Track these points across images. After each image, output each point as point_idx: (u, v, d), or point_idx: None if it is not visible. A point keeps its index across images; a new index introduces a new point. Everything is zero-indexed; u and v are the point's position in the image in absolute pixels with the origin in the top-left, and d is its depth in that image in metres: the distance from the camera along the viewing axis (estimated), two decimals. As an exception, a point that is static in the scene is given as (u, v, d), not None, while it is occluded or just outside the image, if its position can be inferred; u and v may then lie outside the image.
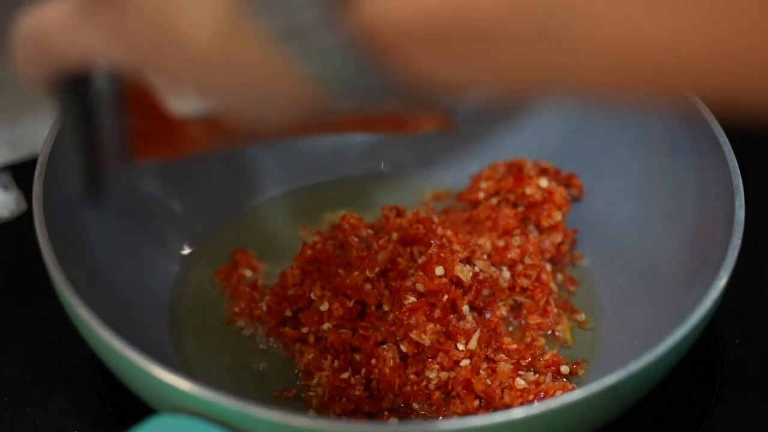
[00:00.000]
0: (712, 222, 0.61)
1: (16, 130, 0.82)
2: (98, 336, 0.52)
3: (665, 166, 0.68)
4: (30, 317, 0.68)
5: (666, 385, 0.57)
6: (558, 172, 0.71)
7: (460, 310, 0.62)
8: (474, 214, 0.69)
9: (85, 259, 0.62)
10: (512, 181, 0.69)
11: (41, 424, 0.62)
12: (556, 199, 0.68)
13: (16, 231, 0.73)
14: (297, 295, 0.65)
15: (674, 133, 0.67)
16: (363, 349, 0.61)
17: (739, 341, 0.67)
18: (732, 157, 0.61)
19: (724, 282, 0.55)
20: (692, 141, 0.65)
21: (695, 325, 0.54)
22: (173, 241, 0.70)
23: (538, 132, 0.73)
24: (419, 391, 0.61)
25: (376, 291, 0.63)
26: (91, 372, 0.64)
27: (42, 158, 0.60)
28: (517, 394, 0.60)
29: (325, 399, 0.61)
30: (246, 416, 0.48)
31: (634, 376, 0.51)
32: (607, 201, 0.70)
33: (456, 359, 0.61)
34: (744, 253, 0.57)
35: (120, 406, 0.62)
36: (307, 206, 0.74)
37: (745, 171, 0.60)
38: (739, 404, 0.64)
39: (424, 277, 0.61)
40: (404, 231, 0.65)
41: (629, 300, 0.66)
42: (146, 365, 0.51)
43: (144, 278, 0.67)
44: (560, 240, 0.69)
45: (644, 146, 0.69)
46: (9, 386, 0.64)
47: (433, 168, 0.75)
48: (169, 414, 0.50)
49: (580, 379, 0.63)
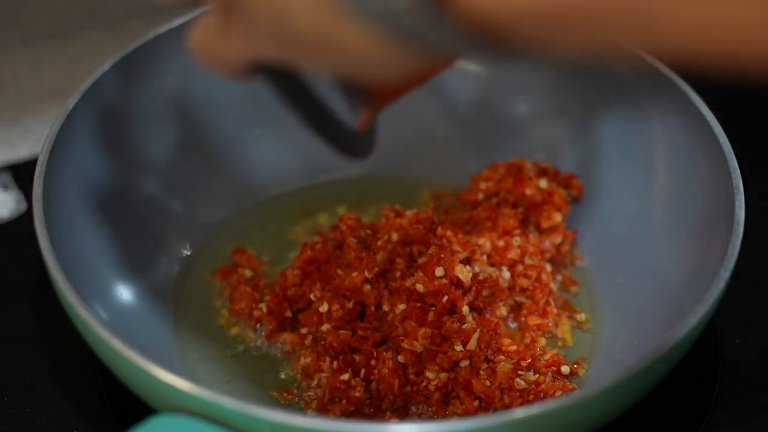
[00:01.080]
0: (712, 222, 0.61)
1: (16, 130, 0.82)
2: (98, 336, 0.52)
3: (665, 166, 0.68)
4: (30, 317, 0.68)
5: (666, 385, 0.57)
6: (558, 173, 0.71)
7: (460, 311, 0.62)
8: (474, 214, 0.69)
9: (84, 259, 0.62)
10: (512, 182, 0.69)
11: (41, 424, 0.62)
12: (556, 201, 0.68)
13: (16, 231, 0.73)
14: (297, 296, 0.65)
15: (674, 133, 0.67)
16: (362, 350, 0.61)
17: (739, 341, 0.67)
18: (732, 157, 0.61)
19: (724, 282, 0.55)
20: (692, 141, 0.65)
21: (695, 325, 0.54)
22: (173, 241, 0.70)
23: (538, 132, 0.73)
24: (419, 392, 0.61)
25: (376, 291, 0.63)
26: (91, 372, 0.64)
27: (42, 158, 0.60)
28: (516, 395, 0.60)
29: (324, 400, 0.61)
30: (246, 416, 0.48)
31: (634, 376, 0.51)
32: (607, 201, 0.70)
33: (456, 359, 0.61)
34: (744, 253, 0.57)
35: (120, 406, 0.62)
36: (307, 206, 0.74)
37: (745, 171, 0.60)
38: (739, 404, 0.64)
39: (424, 277, 0.61)
40: (404, 231, 0.65)
41: (629, 300, 0.66)
42: (146, 365, 0.51)
43: (144, 278, 0.67)
44: (560, 241, 0.69)
45: (644, 146, 0.69)
46: (9, 386, 0.64)
47: (433, 168, 0.75)
48: (169, 414, 0.50)
49: (580, 379, 0.63)
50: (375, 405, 0.61)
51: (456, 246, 0.64)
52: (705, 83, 0.66)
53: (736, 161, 0.61)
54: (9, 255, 0.72)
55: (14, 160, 0.78)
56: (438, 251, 0.62)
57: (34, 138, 0.81)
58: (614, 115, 0.70)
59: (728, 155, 0.61)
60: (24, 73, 0.86)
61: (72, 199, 0.63)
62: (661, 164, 0.68)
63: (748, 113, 0.81)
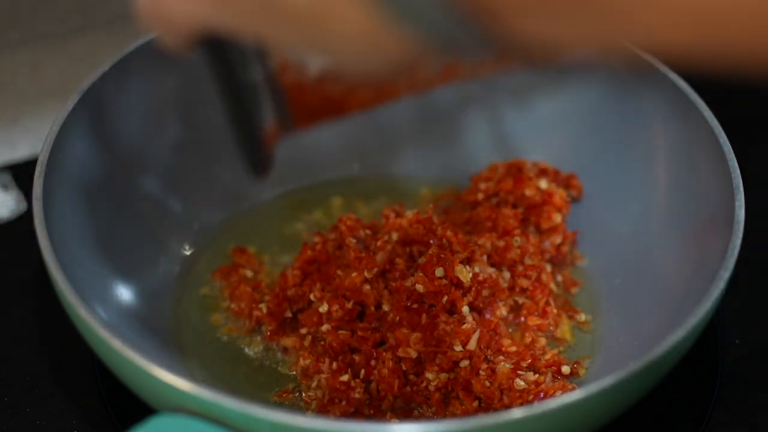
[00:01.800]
0: (712, 222, 0.61)
1: (16, 130, 0.82)
2: (98, 336, 0.52)
3: (665, 166, 0.68)
4: (30, 317, 0.68)
5: (666, 385, 0.57)
6: (558, 173, 0.71)
7: (460, 311, 0.62)
8: (474, 214, 0.69)
9: (84, 259, 0.62)
10: (512, 183, 0.69)
11: (41, 424, 0.62)
12: (556, 201, 0.68)
13: (16, 231, 0.73)
14: (297, 296, 0.65)
15: (674, 133, 0.67)
16: (362, 351, 0.61)
17: (739, 341, 0.67)
18: (732, 157, 0.61)
19: (724, 282, 0.55)
20: (692, 141, 0.65)
21: (695, 325, 0.54)
22: (173, 241, 0.70)
23: (538, 132, 0.73)
24: (419, 392, 0.61)
25: (375, 292, 0.63)
26: (91, 372, 0.64)
27: (42, 158, 0.60)
28: (516, 395, 0.60)
29: (324, 401, 0.61)
30: (246, 416, 0.48)
31: (634, 376, 0.51)
32: (607, 201, 0.70)
33: (455, 359, 0.61)
34: (744, 253, 0.57)
35: (120, 406, 0.62)
36: (307, 206, 0.74)
37: (745, 171, 0.60)
38: (739, 404, 0.64)
39: (424, 278, 0.61)
40: (404, 231, 0.65)
41: (629, 300, 0.66)
42: (146, 365, 0.51)
43: (144, 278, 0.67)
44: (560, 241, 0.69)
45: (644, 146, 0.69)
46: (9, 386, 0.64)
47: (433, 168, 0.75)
48: (169, 414, 0.50)
49: (580, 379, 0.63)
50: (375, 406, 0.61)
51: (456, 246, 0.64)
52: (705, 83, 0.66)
53: (736, 161, 0.61)
54: (9, 255, 0.72)
55: (14, 160, 0.78)
56: (438, 251, 0.62)
57: (34, 138, 0.81)
58: (614, 115, 0.70)
59: (728, 155, 0.61)
60: (24, 73, 0.86)
61: (72, 199, 0.63)
62: (661, 164, 0.68)
63: (748, 113, 0.81)
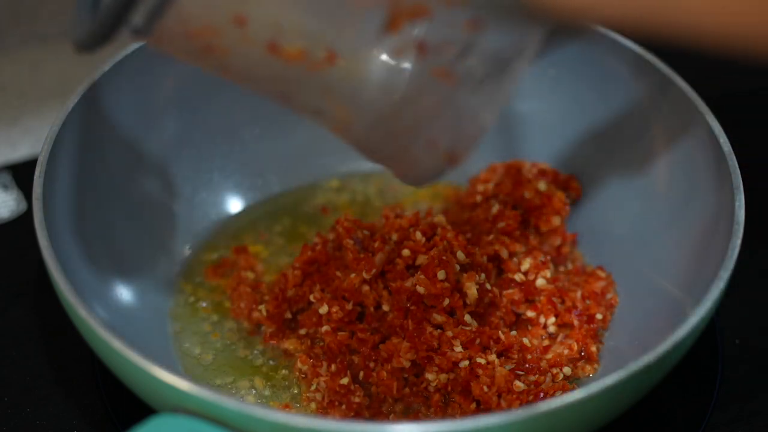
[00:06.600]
0: (712, 222, 0.61)
1: (16, 130, 0.82)
2: (98, 336, 0.52)
3: (665, 166, 0.68)
4: (30, 317, 0.68)
5: (666, 385, 0.57)
6: (557, 174, 0.71)
7: (461, 315, 0.62)
8: (473, 215, 0.69)
9: (84, 259, 0.62)
10: (510, 185, 0.69)
11: (41, 424, 0.62)
12: (555, 203, 0.68)
13: (16, 231, 0.73)
14: (297, 297, 0.65)
15: (674, 134, 0.67)
16: (361, 352, 0.61)
17: (739, 341, 0.67)
18: (732, 157, 0.61)
19: (724, 282, 0.55)
20: (692, 141, 0.65)
21: (695, 325, 0.54)
22: (173, 241, 0.70)
23: (538, 133, 0.73)
24: (418, 393, 0.61)
25: (374, 292, 0.62)
26: (91, 372, 0.64)
27: (42, 158, 0.60)
28: (514, 397, 0.60)
29: (324, 404, 0.61)
30: (246, 416, 0.48)
31: (634, 376, 0.51)
32: (607, 202, 0.70)
33: (455, 360, 0.60)
34: (744, 253, 0.57)
35: (120, 406, 0.62)
36: (307, 205, 0.74)
37: (745, 171, 0.60)
38: (739, 404, 0.64)
39: (426, 280, 0.61)
40: (404, 232, 0.64)
41: (629, 300, 0.66)
42: (146, 365, 0.51)
43: (144, 278, 0.67)
44: (559, 243, 0.69)
45: (644, 147, 0.69)
46: (9, 386, 0.64)
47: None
48: (169, 414, 0.50)
49: (580, 379, 0.63)
50: (375, 408, 0.61)
51: (457, 248, 0.63)
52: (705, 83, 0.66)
53: (736, 161, 0.61)
54: (9, 255, 0.72)
55: (14, 160, 0.78)
56: (439, 254, 0.62)
57: (34, 138, 0.81)
58: (614, 115, 0.70)
59: (728, 155, 0.61)
60: (24, 73, 0.86)
61: (72, 199, 0.63)
62: (661, 164, 0.68)
63: (748, 113, 0.81)
